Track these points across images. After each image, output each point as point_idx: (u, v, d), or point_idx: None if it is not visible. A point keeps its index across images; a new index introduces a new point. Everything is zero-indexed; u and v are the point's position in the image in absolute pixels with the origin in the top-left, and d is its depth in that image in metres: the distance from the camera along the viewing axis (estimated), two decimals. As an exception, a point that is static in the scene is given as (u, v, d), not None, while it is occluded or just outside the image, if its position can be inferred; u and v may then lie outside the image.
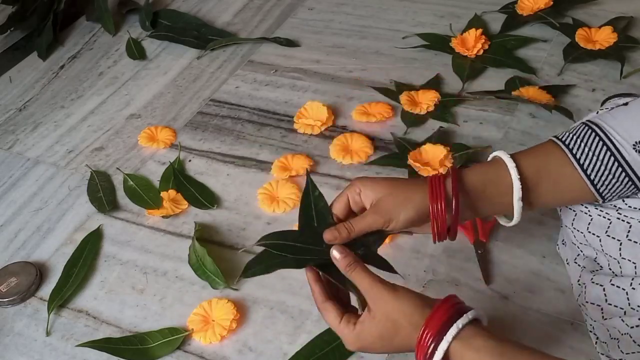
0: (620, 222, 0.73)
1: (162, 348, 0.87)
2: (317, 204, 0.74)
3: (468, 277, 0.90)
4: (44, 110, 1.34)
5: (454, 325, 0.59)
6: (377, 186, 0.71)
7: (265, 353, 0.86)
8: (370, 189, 0.71)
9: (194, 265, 0.96)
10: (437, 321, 0.60)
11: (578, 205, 0.78)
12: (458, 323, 0.60)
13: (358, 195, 0.72)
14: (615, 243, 0.74)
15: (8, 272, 0.99)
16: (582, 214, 0.78)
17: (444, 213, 0.69)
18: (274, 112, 1.25)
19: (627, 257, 0.74)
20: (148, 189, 1.10)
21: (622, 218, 0.73)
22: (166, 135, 1.21)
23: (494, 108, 1.17)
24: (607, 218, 0.74)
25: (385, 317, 0.63)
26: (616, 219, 0.74)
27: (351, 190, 0.73)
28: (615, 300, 0.74)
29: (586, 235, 0.78)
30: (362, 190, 0.71)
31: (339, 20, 1.47)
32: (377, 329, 0.64)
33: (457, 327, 0.60)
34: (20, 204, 1.13)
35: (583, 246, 0.80)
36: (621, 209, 0.73)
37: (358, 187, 0.72)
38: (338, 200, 0.74)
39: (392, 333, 0.63)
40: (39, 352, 0.90)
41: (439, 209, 0.69)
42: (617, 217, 0.73)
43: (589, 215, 0.76)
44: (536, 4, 1.36)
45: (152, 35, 1.50)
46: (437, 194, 0.69)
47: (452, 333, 0.59)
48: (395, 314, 0.63)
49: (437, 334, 0.60)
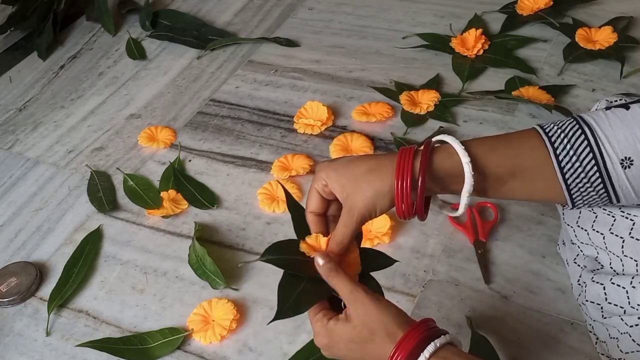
0: (623, 219, 0.73)
1: (162, 348, 0.87)
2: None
3: (468, 277, 0.90)
4: (44, 110, 1.34)
5: (430, 344, 0.58)
6: (342, 179, 0.66)
7: (265, 353, 0.86)
8: (335, 181, 0.66)
9: (194, 265, 0.96)
10: (411, 342, 0.59)
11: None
12: (436, 342, 0.58)
13: (326, 187, 0.67)
14: (618, 240, 0.74)
15: (8, 272, 0.99)
16: (586, 212, 0.77)
17: (409, 191, 0.64)
18: (274, 112, 1.25)
19: (629, 255, 0.74)
20: (148, 189, 1.10)
21: (625, 215, 0.73)
22: (166, 135, 1.21)
23: (494, 108, 1.17)
24: (611, 215, 0.74)
25: (362, 323, 0.62)
26: (620, 217, 0.73)
27: (318, 183, 0.68)
28: (615, 299, 0.74)
29: (590, 234, 0.78)
30: (328, 182, 0.67)
31: (339, 20, 1.47)
32: (349, 333, 0.62)
33: (434, 345, 0.58)
34: (20, 204, 1.13)
35: (584, 245, 0.80)
36: (624, 207, 0.73)
37: (323, 179, 0.67)
38: (310, 198, 0.70)
39: (365, 339, 0.61)
40: (39, 352, 0.90)
41: (403, 187, 0.63)
42: (620, 214, 0.73)
43: (593, 213, 0.76)
44: (536, 4, 1.36)
45: (152, 35, 1.50)
46: (403, 171, 0.64)
47: (429, 350, 0.58)
48: (374, 323, 0.61)
49: (410, 354, 0.58)
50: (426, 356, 0.58)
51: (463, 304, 0.87)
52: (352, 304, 0.63)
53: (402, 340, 0.59)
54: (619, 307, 0.73)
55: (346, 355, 0.64)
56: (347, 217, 0.66)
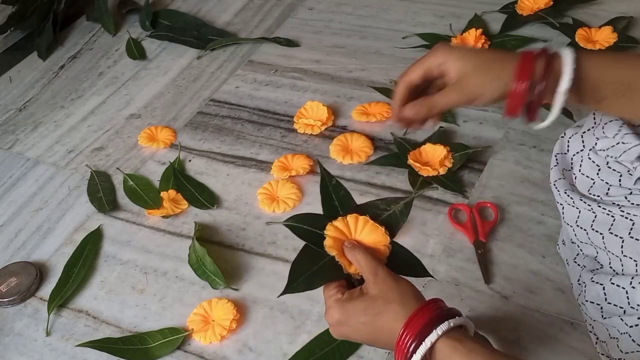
0: (623, 219, 0.73)
1: (162, 348, 0.87)
2: (337, 193, 0.73)
3: (468, 277, 0.90)
4: (44, 110, 1.34)
5: (444, 323, 0.58)
6: (465, 57, 0.65)
7: (265, 353, 0.86)
8: (456, 60, 0.65)
9: (194, 265, 0.96)
10: (421, 320, 0.59)
11: (582, 203, 0.77)
12: (438, 330, 0.58)
13: (439, 67, 0.66)
14: (617, 240, 0.74)
15: (8, 272, 0.99)
16: (585, 212, 0.77)
17: (525, 88, 0.64)
18: (274, 112, 1.25)
19: (628, 255, 0.74)
20: (148, 189, 1.10)
21: (625, 215, 0.73)
22: (166, 135, 1.21)
23: (494, 108, 1.17)
24: (610, 215, 0.74)
25: (379, 293, 0.61)
26: (619, 217, 0.73)
27: (432, 59, 0.66)
28: (615, 299, 0.74)
29: (589, 233, 0.77)
30: (447, 60, 0.66)
31: (339, 20, 1.47)
32: (364, 304, 0.62)
33: (447, 325, 0.58)
34: (20, 204, 1.13)
35: (584, 245, 0.80)
36: (624, 207, 0.73)
37: (441, 57, 0.66)
38: (414, 69, 0.67)
39: (379, 310, 0.61)
40: (39, 352, 0.90)
41: (522, 84, 0.64)
42: (620, 214, 0.73)
43: (592, 212, 0.76)
44: (536, 4, 1.36)
45: (152, 35, 1.50)
46: (525, 69, 0.64)
47: (438, 332, 0.58)
48: (391, 292, 0.61)
49: (418, 335, 0.58)
50: (438, 333, 0.57)
51: (463, 304, 0.87)
52: (372, 274, 0.63)
53: (411, 319, 0.59)
54: (618, 307, 0.73)
55: (356, 331, 0.63)
56: (454, 90, 0.66)
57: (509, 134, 1.11)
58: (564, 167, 0.83)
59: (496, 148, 1.08)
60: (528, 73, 0.64)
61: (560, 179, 0.81)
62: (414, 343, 0.58)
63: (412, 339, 0.58)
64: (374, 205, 0.71)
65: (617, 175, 0.75)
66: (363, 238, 0.68)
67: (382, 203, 0.71)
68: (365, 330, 0.63)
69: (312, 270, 0.67)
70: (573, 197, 0.79)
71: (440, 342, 0.58)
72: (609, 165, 0.75)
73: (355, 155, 1.10)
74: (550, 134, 1.09)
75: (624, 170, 0.74)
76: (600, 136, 0.77)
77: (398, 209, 0.70)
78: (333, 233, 0.68)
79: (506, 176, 1.03)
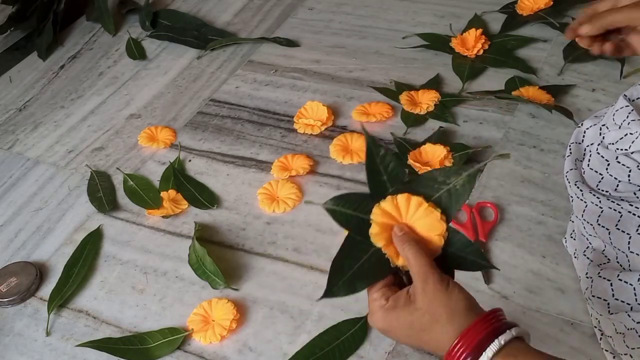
0: (631, 215, 0.73)
1: (162, 348, 0.87)
2: (386, 165, 0.61)
3: (468, 277, 0.90)
4: (44, 110, 1.34)
5: (495, 341, 0.54)
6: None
7: (265, 353, 0.86)
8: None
9: (194, 265, 0.96)
10: (477, 335, 0.54)
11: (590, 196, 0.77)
12: (500, 339, 0.54)
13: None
14: (624, 237, 0.74)
15: (8, 272, 0.99)
16: (592, 206, 0.77)
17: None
18: (274, 112, 1.25)
19: (635, 251, 0.73)
20: (148, 189, 1.10)
21: (633, 211, 0.73)
22: (166, 135, 1.21)
23: (494, 108, 1.17)
24: (617, 211, 0.74)
25: (426, 306, 0.56)
26: (627, 213, 0.73)
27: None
28: (623, 296, 0.73)
29: (596, 228, 0.77)
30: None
31: (339, 20, 1.47)
32: (409, 318, 0.57)
33: (498, 343, 0.54)
34: (20, 204, 1.13)
35: (592, 238, 0.79)
36: (633, 202, 0.73)
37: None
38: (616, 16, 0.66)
39: (425, 327, 0.56)
40: (39, 352, 0.90)
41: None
42: (628, 210, 0.73)
43: (599, 207, 0.76)
44: (536, 4, 1.36)
45: (152, 35, 1.50)
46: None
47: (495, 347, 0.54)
48: (439, 307, 0.56)
49: (475, 349, 0.54)
50: (501, 343, 0.54)
51: (463, 304, 0.87)
52: (421, 281, 0.57)
53: (467, 332, 0.55)
54: (625, 303, 0.73)
55: (400, 339, 0.60)
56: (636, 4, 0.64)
57: (508, 134, 1.11)
58: (577, 157, 0.82)
59: (496, 148, 1.08)
60: None
61: (572, 170, 0.81)
62: (469, 357, 0.54)
63: (467, 354, 0.54)
64: (430, 179, 0.60)
65: (626, 171, 0.74)
66: (415, 223, 0.59)
67: (440, 175, 0.59)
68: (410, 342, 0.59)
69: (353, 270, 0.58)
70: (583, 190, 0.78)
71: (499, 356, 0.54)
72: (618, 160, 0.75)
73: (355, 155, 1.10)
74: (551, 134, 1.09)
75: (634, 165, 0.74)
76: (610, 125, 0.77)
77: (459, 183, 0.59)
78: (380, 218, 0.59)
79: (506, 176, 1.03)
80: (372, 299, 0.60)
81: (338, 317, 0.87)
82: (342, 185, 1.06)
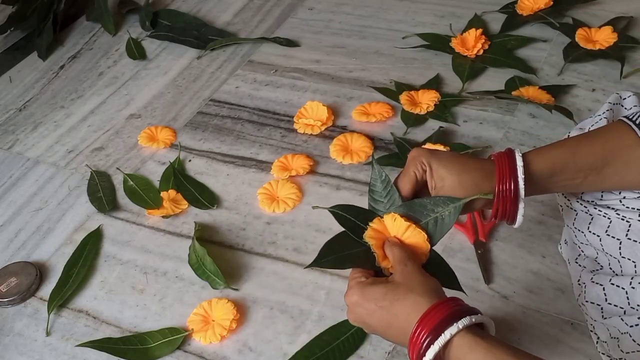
0: (620, 221, 0.73)
1: (162, 348, 0.87)
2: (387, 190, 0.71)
3: (468, 277, 0.90)
4: (44, 110, 1.34)
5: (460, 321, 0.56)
6: (446, 168, 0.68)
7: (265, 353, 0.86)
8: (438, 169, 0.68)
9: (194, 265, 0.96)
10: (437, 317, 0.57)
11: (578, 205, 0.78)
12: (472, 317, 0.57)
13: (424, 172, 0.69)
14: (615, 242, 0.74)
15: (8, 272, 0.99)
16: (582, 214, 0.77)
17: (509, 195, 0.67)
18: (274, 112, 1.25)
19: (627, 256, 0.74)
20: (148, 189, 1.10)
21: (621, 217, 0.73)
22: (166, 135, 1.21)
23: (494, 108, 1.17)
24: (607, 217, 0.74)
25: (404, 280, 0.61)
26: (616, 218, 0.74)
27: (416, 167, 0.69)
28: (615, 300, 0.74)
29: (587, 235, 0.78)
30: (434, 169, 0.68)
31: (339, 20, 1.47)
32: (384, 290, 0.61)
33: (468, 320, 0.56)
34: (20, 204, 1.13)
35: (584, 246, 0.80)
36: (619, 210, 0.73)
37: (424, 164, 0.69)
38: (404, 180, 0.70)
39: (398, 297, 0.60)
40: (39, 352, 0.90)
41: (506, 190, 0.67)
42: (616, 216, 0.73)
43: (589, 214, 0.76)
44: (536, 4, 1.36)
45: (152, 35, 1.50)
46: (504, 177, 0.67)
47: (459, 325, 0.56)
48: (416, 282, 0.61)
49: (436, 327, 0.56)
50: (459, 327, 0.56)
51: (463, 304, 0.87)
52: (401, 264, 0.63)
53: (431, 310, 0.58)
54: (618, 307, 0.73)
55: (371, 314, 0.62)
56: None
57: (508, 134, 1.11)
58: None
59: (496, 148, 1.08)
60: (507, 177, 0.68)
61: None
62: (429, 337, 0.56)
63: (428, 333, 0.56)
64: (421, 205, 0.69)
65: None
66: (405, 239, 0.68)
67: (430, 203, 0.68)
68: (380, 315, 0.61)
69: (344, 253, 0.66)
70: (570, 199, 0.79)
71: (459, 338, 0.56)
72: None
73: (355, 155, 1.10)
74: (551, 134, 1.09)
75: None
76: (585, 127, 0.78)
77: (445, 214, 0.68)
78: (376, 226, 0.68)
79: (506, 176, 1.03)
80: (352, 277, 0.65)
81: (338, 317, 0.87)
82: (342, 185, 1.06)
